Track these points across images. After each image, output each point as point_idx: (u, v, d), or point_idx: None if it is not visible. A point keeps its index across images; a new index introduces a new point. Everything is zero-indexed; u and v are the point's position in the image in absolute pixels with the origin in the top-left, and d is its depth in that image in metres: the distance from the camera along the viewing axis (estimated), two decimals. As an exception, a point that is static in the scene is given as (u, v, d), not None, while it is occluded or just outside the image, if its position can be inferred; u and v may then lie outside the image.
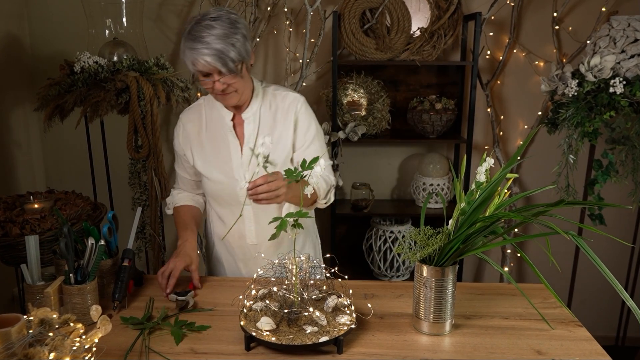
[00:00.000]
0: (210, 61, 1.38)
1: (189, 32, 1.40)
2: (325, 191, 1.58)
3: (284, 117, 1.58)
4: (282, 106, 1.59)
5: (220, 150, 1.60)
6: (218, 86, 1.44)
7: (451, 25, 2.56)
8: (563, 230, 1.08)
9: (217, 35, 1.37)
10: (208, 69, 1.40)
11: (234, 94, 1.49)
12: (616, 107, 1.94)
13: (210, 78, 1.44)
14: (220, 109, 1.60)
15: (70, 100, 2.13)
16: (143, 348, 1.22)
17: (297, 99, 1.60)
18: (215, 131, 1.61)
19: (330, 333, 1.19)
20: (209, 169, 1.62)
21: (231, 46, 1.39)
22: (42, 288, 1.30)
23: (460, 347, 1.23)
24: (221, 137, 1.60)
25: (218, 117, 1.61)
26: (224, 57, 1.38)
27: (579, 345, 1.24)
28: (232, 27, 1.40)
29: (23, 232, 1.68)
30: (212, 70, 1.41)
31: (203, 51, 1.37)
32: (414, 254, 1.25)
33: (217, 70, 1.41)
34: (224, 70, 1.40)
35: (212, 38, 1.37)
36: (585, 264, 2.59)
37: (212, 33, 1.37)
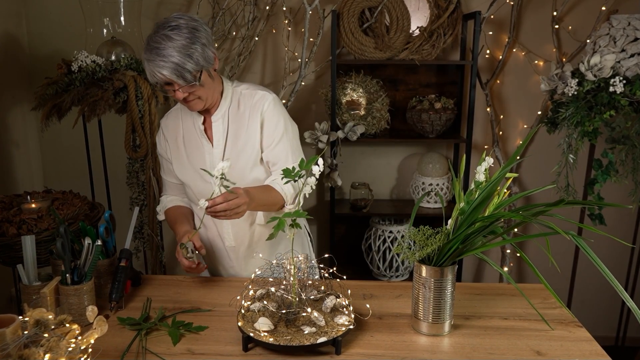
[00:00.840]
0: (167, 74, 1.38)
1: (147, 42, 1.40)
2: (293, 194, 1.55)
3: (251, 116, 1.56)
4: (249, 105, 1.57)
5: (194, 154, 1.61)
6: (179, 95, 1.44)
7: (450, 24, 2.55)
8: (563, 230, 1.07)
9: (174, 47, 1.36)
10: (166, 80, 1.41)
11: (198, 100, 1.49)
12: (616, 106, 1.93)
13: (171, 87, 1.44)
14: (192, 113, 1.61)
15: (67, 99, 2.12)
16: (140, 349, 1.21)
17: (265, 97, 1.56)
18: (190, 135, 1.62)
19: (329, 334, 1.19)
20: (185, 174, 1.63)
21: (188, 57, 1.37)
22: (39, 288, 1.29)
23: (459, 348, 1.22)
24: (195, 142, 1.61)
25: (192, 120, 1.62)
26: (181, 70, 1.37)
27: (578, 345, 1.24)
28: (191, 36, 1.39)
29: (20, 232, 1.67)
30: (171, 80, 1.41)
31: (160, 64, 1.36)
32: (412, 254, 1.24)
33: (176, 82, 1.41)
34: (180, 81, 1.40)
35: (170, 50, 1.36)
36: (584, 264, 2.58)
37: (169, 45, 1.36)
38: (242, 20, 2.69)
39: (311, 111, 2.81)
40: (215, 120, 1.58)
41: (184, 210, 1.72)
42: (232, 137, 1.57)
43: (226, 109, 1.58)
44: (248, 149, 1.56)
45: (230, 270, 1.72)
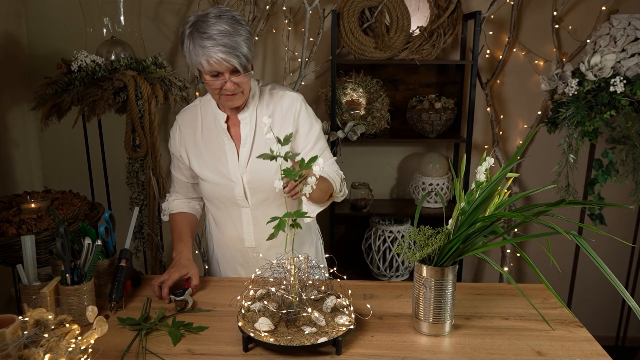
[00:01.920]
0: (225, 57, 1.34)
1: (195, 29, 1.36)
2: (339, 184, 1.56)
3: (282, 118, 1.55)
4: (279, 106, 1.55)
5: (215, 152, 1.58)
6: (230, 86, 1.40)
7: (451, 24, 2.55)
8: (563, 230, 1.07)
9: (226, 32, 1.34)
10: (222, 67, 1.37)
11: (241, 94, 1.46)
12: (616, 106, 1.93)
13: (220, 78, 1.40)
14: (214, 110, 1.57)
15: (67, 99, 2.12)
16: (140, 349, 1.21)
17: (296, 98, 1.56)
18: (210, 133, 1.59)
19: (329, 334, 1.18)
20: (205, 171, 1.60)
21: (242, 42, 1.36)
22: (38, 288, 1.28)
23: (460, 348, 1.22)
24: (216, 139, 1.58)
25: (213, 118, 1.59)
26: (238, 54, 1.35)
27: (579, 346, 1.23)
28: (238, 24, 1.37)
29: (20, 232, 1.67)
30: (226, 68, 1.37)
31: (216, 49, 1.33)
32: (413, 254, 1.24)
33: (230, 69, 1.38)
34: (239, 67, 1.37)
35: (222, 35, 1.33)
36: (584, 264, 2.58)
37: (221, 30, 1.33)
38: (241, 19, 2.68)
39: (311, 111, 2.80)
40: (243, 119, 1.55)
41: (190, 221, 1.71)
42: (260, 136, 1.55)
43: (254, 107, 1.56)
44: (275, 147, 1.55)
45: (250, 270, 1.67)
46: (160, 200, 2.40)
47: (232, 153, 1.56)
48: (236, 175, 1.55)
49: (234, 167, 1.55)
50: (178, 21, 2.72)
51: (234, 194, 1.57)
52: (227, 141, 1.57)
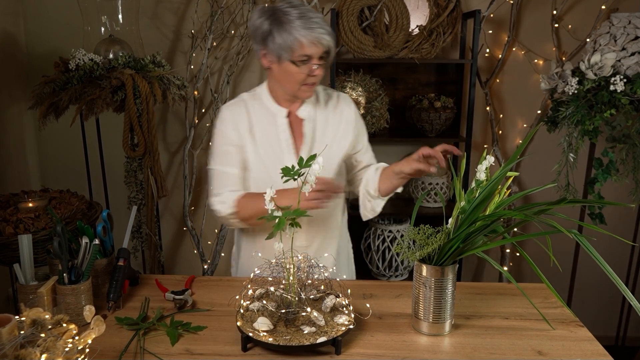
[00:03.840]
0: (330, 40, 1.41)
1: (301, 14, 1.39)
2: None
3: (338, 118, 1.59)
4: (339, 107, 1.61)
5: (273, 147, 1.54)
6: (319, 71, 1.44)
7: (450, 23, 2.54)
8: (564, 229, 1.07)
9: (320, 17, 1.42)
10: (316, 51, 1.40)
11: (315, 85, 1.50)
12: (617, 105, 1.92)
13: (309, 63, 1.42)
14: (270, 105, 1.55)
15: (65, 98, 2.11)
16: (138, 349, 1.20)
17: (349, 100, 1.64)
18: (265, 128, 1.54)
19: (329, 333, 1.18)
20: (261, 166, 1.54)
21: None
22: (36, 288, 1.28)
23: (460, 348, 1.21)
24: (273, 135, 1.54)
25: (267, 113, 1.55)
26: (334, 38, 1.43)
27: (580, 345, 1.23)
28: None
29: (17, 231, 1.66)
30: (317, 53, 1.41)
31: (321, 30, 1.39)
32: (412, 253, 1.23)
33: (323, 50, 1.42)
34: (333, 52, 1.44)
35: (320, 19, 1.41)
36: (584, 263, 2.57)
37: (318, 16, 1.41)
38: (240, 18, 2.68)
39: (310, 110, 2.79)
40: (305, 117, 1.56)
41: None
42: (320, 134, 1.56)
43: (312, 106, 1.57)
44: (335, 148, 1.58)
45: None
46: (158, 199, 2.40)
47: (289, 149, 1.53)
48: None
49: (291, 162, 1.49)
50: (176, 20, 2.71)
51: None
52: (284, 137, 1.54)
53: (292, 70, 1.43)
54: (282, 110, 1.55)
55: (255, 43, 1.49)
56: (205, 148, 2.78)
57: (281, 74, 1.46)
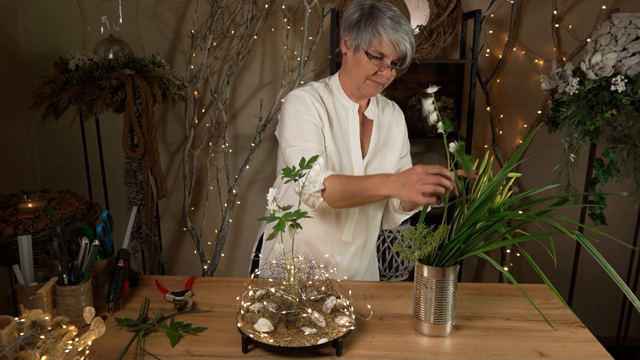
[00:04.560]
0: (409, 48, 1.43)
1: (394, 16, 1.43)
2: None
3: (396, 124, 1.66)
4: (395, 113, 1.68)
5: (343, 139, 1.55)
6: (387, 73, 1.46)
7: (450, 23, 2.54)
8: (566, 230, 1.06)
9: (411, 29, 1.45)
10: (392, 53, 1.43)
11: (381, 86, 1.52)
12: (618, 105, 1.92)
13: (381, 62, 1.44)
14: (342, 99, 1.57)
15: (64, 98, 2.10)
16: (138, 350, 1.20)
17: (400, 109, 1.72)
18: (338, 120, 1.56)
19: (329, 335, 1.17)
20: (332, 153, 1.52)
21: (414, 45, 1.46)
22: (35, 289, 1.27)
23: (461, 349, 1.21)
24: (344, 128, 1.57)
25: (340, 106, 1.58)
26: (413, 50, 1.45)
27: (582, 346, 1.22)
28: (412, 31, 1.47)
29: (16, 232, 1.66)
30: (393, 56, 1.44)
31: (405, 37, 1.41)
32: (412, 252, 1.23)
33: (398, 56, 1.44)
34: (408, 61, 1.46)
35: (409, 30, 1.44)
36: (583, 263, 2.57)
37: (408, 25, 1.44)
38: (240, 18, 2.67)
39: (310, 110, 2.79)
40: (372, 117, 1.60)
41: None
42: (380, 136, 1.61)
43: (375, 108, 1.63)
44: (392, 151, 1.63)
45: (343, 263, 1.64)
46: (158, 199, 2.39)
47: (355, 143, 1.57)
48: (358, 166, 1.56)
49: (357, 157, 1.56)
50: (176, 20, 2.71)
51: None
52: (353, 131, 1.56)
53: (364, 61, 1.45)
54: (355, 105, 1.58)
55: (342, 30, 1.52)
56: (205, 148, 2.78)
57: (353, 63, 1.49)
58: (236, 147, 2.85)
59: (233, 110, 2.82)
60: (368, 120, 1.60)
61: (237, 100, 2.81)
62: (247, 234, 2.97)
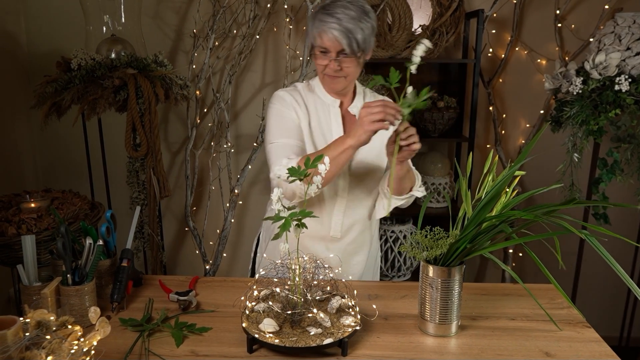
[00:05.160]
0: (338, 36, 1.41)
1: (323, 7, 1.45)
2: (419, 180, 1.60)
3: None
4: None
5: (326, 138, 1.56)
6: (332, 65, 1.46)
7: (453, 22, 2.54)
8: (572, 229, 1.06)
9: (350, 16, 1.41)
10: (331, 44, 1.43)
11: (343, 79, 1.50)
12: (622, 105, 1.91)
13: (327, 56, 1.46)
14: (323, 97, 1.59)
15: (67, 97, 2.10)
16: (143, 350, 1.19)
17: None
18: (318, 118, 1.58)
19: (335, 335, 1.17)
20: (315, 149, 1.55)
21: (360, 30, 1.42)
22: (39, 289, 1.26)
23: (467, 349, 1.21)
24: (326, 126, 1.58)
25: (321, 104, 1.59)
26: (351, 37, 1.41)
27: (588, 346, 1.22)
28: (365, 14, 1.44)
29: (19, 231, 1.65)
30: (334, 47, 1.43)
31: (333, 25, 1.40)
32: (420, 252, 1.23)
33: (338, 49, 1.43)
34: (347, 49, 1.42)
35: (345, 17, 1.41)
36: (586, 263, 2.56)
37: (346, 13, 1.41)
38: (242, 18, 2.67)
39: (312, 110, 2.78)
40: (355, 113, 1.59)
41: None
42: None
43: (361, 103, 1.60)
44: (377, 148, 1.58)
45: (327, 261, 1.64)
46: (160, 199, 2.39)
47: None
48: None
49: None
50: (178, 19, 2.71)
51: (337, 182, 1.57)
52: (336, 126, 1.57)
53: (315, 59, 1.49)
54: (335, 101, 1.59)
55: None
56: (207, 148, 2.78)
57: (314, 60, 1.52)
58: (238, 147, 2.85)
59: (235, 110, 2.81)
60: (352, 115, 1.60)
61: (239, 100, 2.80)
62: (249, 234, 2.96)
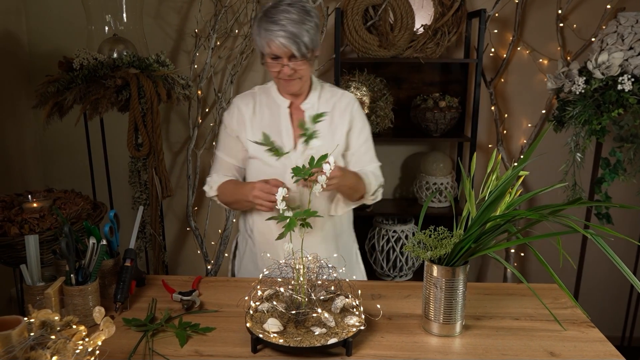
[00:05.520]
0: (285, 43, 1.42)
1: (264, 14, 1.44)
2: (375, 187, 1.62)
3: (340, 115, 1.62)
4: (339, 104, 1.63)
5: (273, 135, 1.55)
6: (286, 70, 1.47)
7: (455, 22, 2.53)
8: (576, 229, 1.06)
9: (293, 20, 1.42)
10: (281, 51, 1.44)
11: (298, 81, 1.52)
12: (624, 104, 1.91)
13: (279, 61, 1.47)
14: (275, 97, 1.62)
15: (69, 97, 2.09)
16: (147, 350, 1.19)
17: (354, 99, 1.66)
18: (269, 118, 1.61)
19: (339, 335, 1.16)
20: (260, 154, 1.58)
21: (305, 32, 1.43)
22: (43, 289, 1.26)
23: (471, 349, 1.20)
24: (275, 125, 1.60)
25: (273, 104, 1.62)
26: (299, 42, 1.42)
27: (592, 346, 1.22)
28: (307, 14, 1.45)
29: (22, 231, 1.65)
30: (284, 53, 1.44)
31: (279, 33, 1.41)
32: (424, 252, 1.22)
33: (289, 54, 1.45)
34: (297, 54, 1.44)
35: (288, 22, 1.41)
36: (589, 263, 2.56)
37: (288, 17, 1.42)
38: (244, 17, 2.66)
39: (314, 110, 2.78)
40: (307, 109, 1.60)
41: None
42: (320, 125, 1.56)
43: (316, 100, 1.62)
44: (333, 143, 1.59)
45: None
46: (162, 199, 2.38)
47: (288, 138, 1.59)
48: (290, 160, 1.56)
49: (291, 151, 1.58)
50: (180, 19, 2.70)
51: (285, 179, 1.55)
52: (286, 126, 1.59)
53: (268, 66, 1.51)
54: (285, 101, 1.61)
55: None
56: (209, 148, 2.77)
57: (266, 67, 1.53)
58: (240, 147, 2.84)
59: (237, 110, 2.81)
60: (301, 111, 1.61)
61: (241, 100, 2.80)
62: (251, 234, 2.96)
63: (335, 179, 1.38)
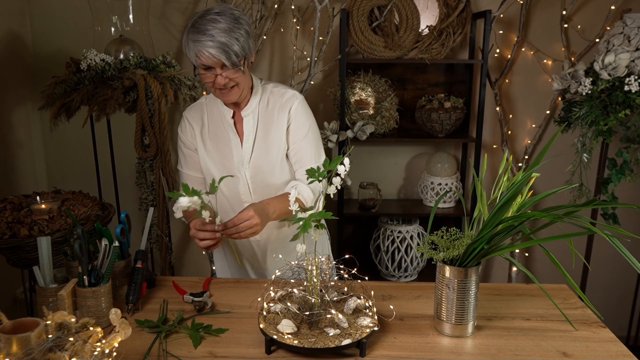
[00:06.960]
0: (215, 53, 1.38)
1: (192, 25, 1.41)
2: (313, 200, 1.55)
3: (280, 113, 1.58)
4: (278, 103, 1.58)
5: (221, 147, 1.61)
6: (220, 80, 1.44)
7: (460, 23, 2.54)
8: (589, 230, 1.06)
9: (221, 29, 1.38)
10: (211, 61, 1.41)
11: (235, 89, 1.49)
12: (631, 105, 1.92)
13: (212, 72, 1.44)
14: (221, 107, 1.60)
15: (77, 98, 2.09)
16: (160, 352, 1.19)
17: (295, 96, 1.59)
18: (216, 129, 1.62)
19: (353, 335, 1.17)
20: (210, 165, 1.62)
21: (235, 40, 1.39)
22: (55, 291, 1.26)
23: (484, 349, 1.21)
24: (222, 135, 1.61)
25: (219, 114, 1.61)
26: (228, 51, 1.39)
27: (604, 346, 1.22)
28: (236, 22, 1.41)
29: (32, 233, 1.65)
30: (215, 63, 1.41)
31: (207, 43, 1.37)
32: (437, 253, 1.23)
33: (220, 64, 1.41)
34: (227, 63, 1.40)
35: (217, 31, 1.38)
36: (594, 263, 2.57)
37: (216, 27, 1.38)
38: (249, 18, 2.66)
39: (319, 110, 2.79)
40: (246, 115, 1.58)
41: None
42: (262, 132, 1.58)
43: (256, 104, 1.59)
44: (275, 145, 1.58)
45: (255, 264, 1.73)
46: (169, 200, 2.38)
47: (237, 149, 1.59)
48: (240, 170, 1.58)
49: (238, 162, 1.59)
50: (185, 20, 2.70)
51: (238, 189, 1.60)
52: (232, 136, 1.59)
53: (202, 77, 1.47)
54: (228, 111, 1.60)
55: None
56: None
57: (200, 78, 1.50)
58: (244, 148, 2.84)
59: (241, 111, 2.81)
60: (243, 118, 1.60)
61: (246, 101, 2.80)
62: (256, 235, 2.96)
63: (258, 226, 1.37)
